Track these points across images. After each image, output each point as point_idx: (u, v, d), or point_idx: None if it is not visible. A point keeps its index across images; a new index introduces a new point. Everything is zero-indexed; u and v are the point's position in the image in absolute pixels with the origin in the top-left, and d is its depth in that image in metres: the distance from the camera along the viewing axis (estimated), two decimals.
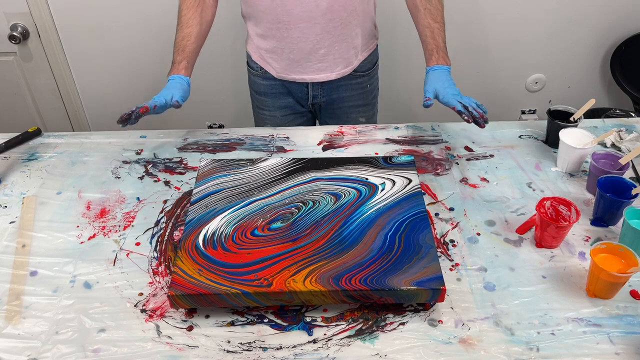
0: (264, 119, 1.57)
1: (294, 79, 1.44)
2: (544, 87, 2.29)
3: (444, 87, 1.27)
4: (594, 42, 2.17)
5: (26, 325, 0.94)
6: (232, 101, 2.27)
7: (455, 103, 1.23)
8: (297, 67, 1.41)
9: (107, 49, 2.08)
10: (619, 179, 1.13)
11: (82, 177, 1.28)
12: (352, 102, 1.52)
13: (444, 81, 1.28)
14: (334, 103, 1.51)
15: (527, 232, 1.12)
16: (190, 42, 1.33)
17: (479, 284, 1.01)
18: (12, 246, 1.10)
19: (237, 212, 1.07)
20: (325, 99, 1.50)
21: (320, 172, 1.17)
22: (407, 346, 0.90)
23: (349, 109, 1.53)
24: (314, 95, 1.49)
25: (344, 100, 1.51)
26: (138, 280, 1.02)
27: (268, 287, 0.92)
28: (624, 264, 0.96)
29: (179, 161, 1.32)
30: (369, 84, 1.52)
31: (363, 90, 1.52)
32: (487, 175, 1.27)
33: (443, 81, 1.28)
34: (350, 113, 1.54)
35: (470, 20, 2.07)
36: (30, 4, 1.92)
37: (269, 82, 1.48)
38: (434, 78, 1.29)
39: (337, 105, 1.52)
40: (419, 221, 1.04)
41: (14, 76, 2.11)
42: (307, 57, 1.39)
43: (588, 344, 0.90)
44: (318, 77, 1.43)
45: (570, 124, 1.30)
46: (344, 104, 1.51)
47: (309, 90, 1.47)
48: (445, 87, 1.27)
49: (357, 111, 1.55)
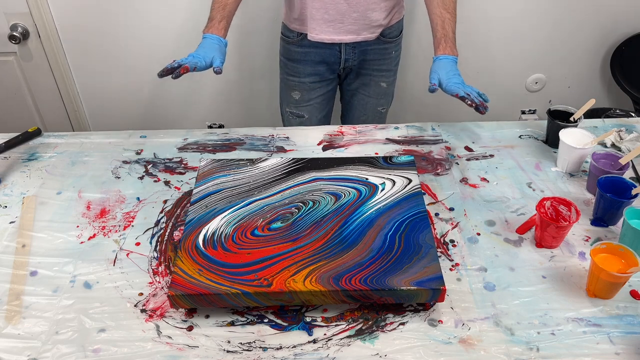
0: (292, 86, 1.63)
1: (323, 39, 1.49)
2: (544, 87, 2.29)
3: (448, 76, 1.30)
4: (594, 42, 2.17)
5: (26, 325, 0.94)
6: (232, 101, 2.26)
7: (458, 90, 1.27)
8: (328, 28, 1.47)
9: (107, 49, 2.08)
10: (619, 179, 1.13)
11: (82, 177, 1.28)
12: (377, 66, 1.60)
13: (449, 70, 1.31)
14: (363, 67, 1.59)
15: (527, 232, 1.12)
16: (230, 0, 1.35)
17: (479, 284, 1.01)
18: (12, 246, 1.10)
19: (237, 212, 1.07)
20: (357, 62, 1.57)
21: (320, 172, 1.17)
22: (407, 346, 0.90)
23: (374, 72, 1.61)
24: (347, 58, 1.55)
25: (372, 63, 1.59)
26: (138, 280, 1.02)
27: (268, 287, 0.92)
28: (624, 264, 0.96)
29: (179, 161, 1.32)
30: (394, 51, 1.61)
31: (389, 56, 1.60)
32: (487, 175, 1.27)
33: (448, 70, 1.31)
34: (374, 77, 1.62)
35: (470, 20, 2.06)
36: (30, 4, 1.92)
37: (304, 49, 1.55)
38: (439, 66, 1.33)
39: (365, 69, 1.60)
40: (419, 221, 1.04)
41: (14, 76, 2.11)
42: (340, 18, 1.45)
43: (588, 344, 0.90)
44: (346, 38, 1.50)
45: (570, 124, 1.30)
46: (372, 67, 1.59)
47: (342, 54, 1.54)
48: (450, 76, 1.30)
49: (381, 76, 1.62)
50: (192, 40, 2.05)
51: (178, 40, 2.05)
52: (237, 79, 2.19)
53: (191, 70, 1.27)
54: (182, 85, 2.18)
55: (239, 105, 2.27)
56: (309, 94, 1.63)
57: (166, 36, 2.05)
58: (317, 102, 1.65)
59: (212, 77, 2.20)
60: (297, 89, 1.63)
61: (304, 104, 1.64)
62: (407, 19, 2.03)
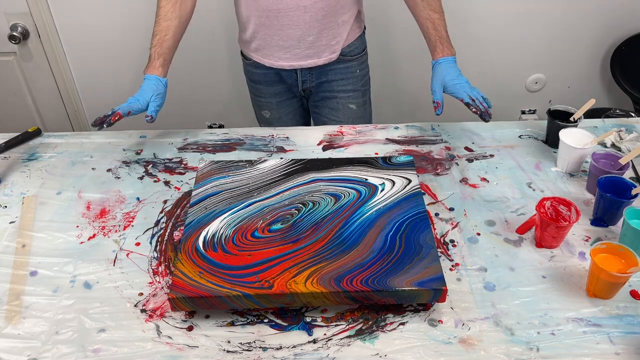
0: (261, 105, 1.61)
1: (282, 66, 1.46)
2: (544, 87, 2.29)
3: (451, 79, 1.29)
4: (594, 42, 2.17)
5: (26, 325, 0.94)
6: (232, 101, 2.26)
7: (464, 95, 1.26)
8: (285, 54, 1.44)
9: (107, 49, 2.08)
10: (619, 179, 1.13)
11: (82, 177, 1.28)
12: (341, 87, 1.53)
13: (451, 73, 1.30)
14: (323, 87, 1.53)
15: (527, 232, 1.12)
16: (169, 36, 1.32)
17: (479, 284, 1.01)
18: (12, 246, 1.10)
19: (237, 213, 1.07)
20: (314, 83, 1.52)
21: (320, 173, 1.17)
22: (407, 346, 0.90)
23: (339, 94, 1.54)
24: (304, 80, 1.51)
25: (333, 84, 1.52)
26: (138, 280, 1.02)
27: (269, 289, 0.92)
28: (624, 264, 0.96)
29: (179, 161, 1.32)
30: (358, 69, 1.53)
31: (352, 75, 1.53)
32: (487, 175, 1.27)
33: (450, 73, 1.30)
34: (340, 99, 1.55)
35: (470, 20, 2.07)
36: (30, 4, 1.92)
37: (262, 70, 1.51)
38: (440, 71, 1.31)
39: (327, 90, 1.53)
40: (419, 221, 1.04)
41: (14, 76, 2.11)
42: (296, 44, 1.41)
43: (588, 344, 0.90)
44: (306, 63, 1.45)
45: (570, 124, 1.30)
46: (334, 88, 1.53)
47: (299, 76, 1.50)
48: (453, 78, 1.29)
49: (347, 97, 1.54)
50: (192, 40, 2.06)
51: None
52: (238, 79, 2.19)
53: (125, 115, 1.24)
54: (182, 85, 2.18)
55: (239, 105, 2.27)
56: (278, 112, 1.60)
57: None
58: (289, 117, 1.63)
59: (212, 77, 2.20)
60: (265, 108, 1.60)
61: (275, 122, 1.62)
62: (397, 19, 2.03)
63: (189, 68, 2.13)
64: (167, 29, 1.32)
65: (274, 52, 1.44)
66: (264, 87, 1.56)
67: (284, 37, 1.39)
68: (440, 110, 1.28)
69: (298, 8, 1.33)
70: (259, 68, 1.51)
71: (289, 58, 1.44)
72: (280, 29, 1.38)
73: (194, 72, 2.15)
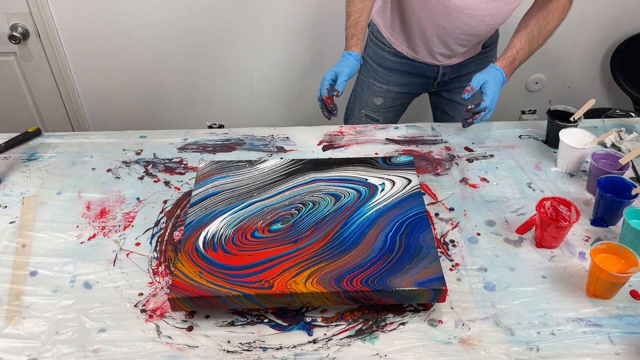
0: (377, 92, 1.59)
1: (432, 62, 1.49)
2: (544, 87, 2.29)
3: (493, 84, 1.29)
4: (594, 42, 2.17)
5: (26, 325, 0.94)
6: (232, 101, 2.26)
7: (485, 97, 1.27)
8: (429, 54, 1.47)
9: (107, 49, 2.08)
10: (619, 179, 1.13)
11: (82, 177, 1.28)
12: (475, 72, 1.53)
13: (496, 81, 1.30)
14: (460, 77, 1.55)
15: (527, 232, 1.12)
16: (363, 17, 1.37)
17: (479, 284, 1.01)
18: (12, 246, 1.10)
19: (237, 213, 1.07)
20: (453, 75, 1.54)
21: (320, 173, 1.17)
22: (407, 346, 0.90)
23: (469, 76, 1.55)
24: (444, 72, 1.53)
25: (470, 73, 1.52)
26: (138, 280, 1.02)
27: (269, 289, 0.92)
28: (624, 264, 0.96)
29: (179, 161, 1.32)
30: (494, 57, 1.57)
31: (487, 62, 1.52)
32: (487, 175, 1.27)
33: (495, 80, 1.30)
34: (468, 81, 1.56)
35: None
36: (30, 4, 1.92)
37: (400, 59, 1.52)
38: (491, 73, 1.31)
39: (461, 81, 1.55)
40: (419, 221, 1.04)
41: (14, 76, 2.11)
42: (443, 51, 1.45)
43: (588, 344, 0.90)
44: (448, 61, 1.49)
45: (570, 124, 1.30)
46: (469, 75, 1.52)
47: (440, 69, 1.52)
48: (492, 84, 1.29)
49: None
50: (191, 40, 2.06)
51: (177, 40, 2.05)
52: (238, 79, 2.19)
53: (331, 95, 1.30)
54: (182, 85, 2.18)
55: (239, 105, 2.27)
56: (392, 102, 1.59)
57: (166, 36, 2.05)
58: (397, 109, 1.63)
59: (212, 77, 2.20)
60: (381, 95, 1.58)
61: (383, 110, 1.61)
62: None
63: (189, 68, 2.13)
64: (362, 10, 1.36)
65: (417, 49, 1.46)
66: (394, 76, 1.54)
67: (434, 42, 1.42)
68: (468, 95, 1.28)
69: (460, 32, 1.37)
70: (397, 57, 1.51)
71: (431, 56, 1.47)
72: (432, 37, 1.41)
73: (194, 72, 2.16)
